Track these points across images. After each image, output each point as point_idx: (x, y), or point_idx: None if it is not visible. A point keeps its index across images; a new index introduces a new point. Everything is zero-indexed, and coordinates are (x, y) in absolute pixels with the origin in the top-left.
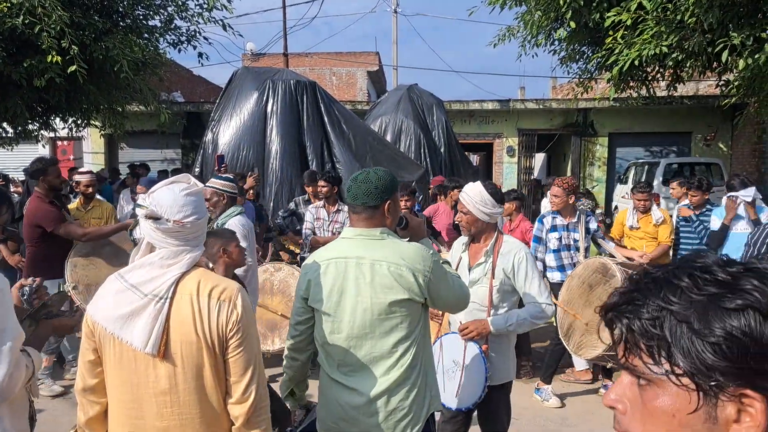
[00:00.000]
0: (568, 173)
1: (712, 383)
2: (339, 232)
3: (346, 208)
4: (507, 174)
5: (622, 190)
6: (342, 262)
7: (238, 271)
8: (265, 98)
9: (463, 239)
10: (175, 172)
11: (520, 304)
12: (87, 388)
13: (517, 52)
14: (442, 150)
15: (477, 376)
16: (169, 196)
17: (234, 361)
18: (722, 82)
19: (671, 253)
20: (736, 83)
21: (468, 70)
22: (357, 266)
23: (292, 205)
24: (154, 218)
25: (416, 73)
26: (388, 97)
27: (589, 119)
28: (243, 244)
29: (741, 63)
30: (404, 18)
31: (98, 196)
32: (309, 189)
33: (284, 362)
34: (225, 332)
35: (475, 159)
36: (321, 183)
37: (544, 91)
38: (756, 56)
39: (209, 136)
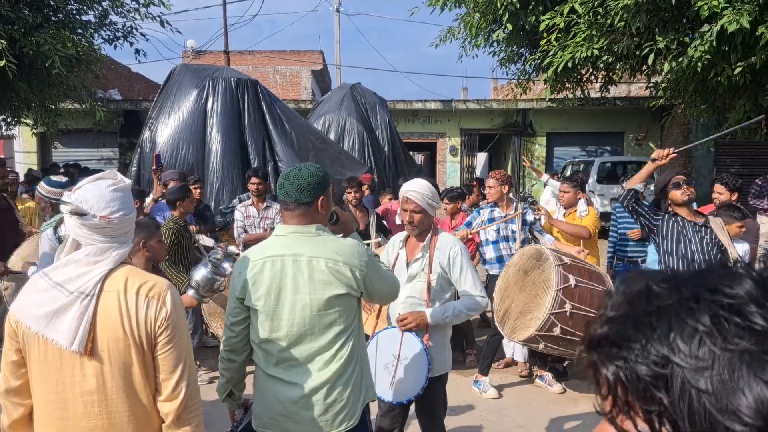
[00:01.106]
0: (509, 171)
1: None
2: (271, 228)
3: (274, 204)
4: (450, 173)
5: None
6: (278, 260)
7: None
8: (204, 96)
9: (400, 236)
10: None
11: (456, 298)
12: (10, 390)
13: (459, 53)
14: (385, 149)
15: (417, 368)
16: (95, 192)
17: (163, 358)
18: (651, 84)
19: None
20: (663, 85)
21: (412, 70)
22: (294, 263)
23: (236, 202)
24: (80, 214)
25: (361, 73)
26: (331, 96)
27: (528, 119)
28: (42, 258)
29: (666, 66)
30: (348, 18)
31: (24, 195)
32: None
33: (220, 364)
34: (154, 329)
35: (419, 158)
36: (255, 180)
37: (486, 92)
38: (680, 59)
39: (147, 134)
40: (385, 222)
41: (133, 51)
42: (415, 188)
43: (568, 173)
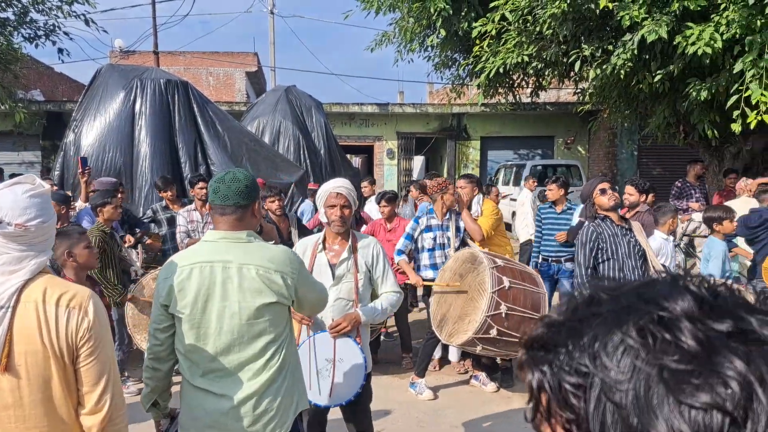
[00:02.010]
0: (445, 175)
1: None
2: None
3: None
4: (387, 176)
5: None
6: (207, 266)
7: None
8: (132, 97)
9: (309, 241)
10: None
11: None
12: None
13: (394, 57)
14: (321, 152)
15: (355, 368)
16: (10, 198)
17: (86, 370)
18: (578, 90)
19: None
20: (589, 91)
21: (349, 74)
22: (224, 270)
23: (149, 213)
24: None
25: (297, 75)
26: (265, 98)
27: (462, 123)
28: None
29: (592, 73)
30: (283, 20)
31: None
32: (166, 194)
33: (144, 373)
34: (75, 341)
35: (356, 161)
36: (201, 185)
37: (422, 96)
38: (604, 67)
39: (71, 137)
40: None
41: (56, 50)
42: (342, 184)
43: (501, 176)
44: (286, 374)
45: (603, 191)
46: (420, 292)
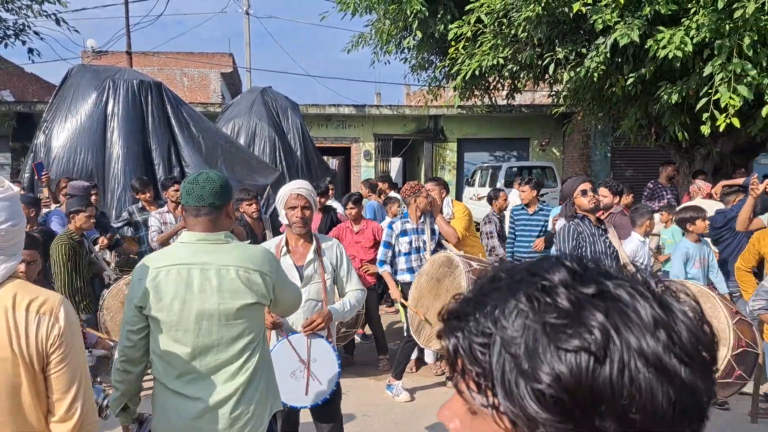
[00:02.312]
0: (422, 177)
1: None
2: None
3: None
4: (365, 177)
5: (470, 192)
6: (185, 268)
7: None
8: (104, 98)
9: (270, 244)
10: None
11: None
12: None
13: (371, 59)
14: (298, 153)
15: (329, 367)
16: None
17: (56, 377)
18: (553, 93)
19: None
20: (563, 94)
21: (326, 75)
22: (202, 272)
23: (125, 215)
24: None
25: (273, 76)
26: (240, 99)
27: (439, 125)
28: None
29: (566, 75)
30: (258, 20)
31: None
32: (143, 196)
33: (115, 376)
34: (45, 347)
35: (333, 163)
36: (176, 187)
37: (400, 98)
38: (578, 69)
39: (41, 138)
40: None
41: (27, 50)
42: (302, 185)
43: (477, 178)
44: (261, 376)
45: (584, 192)
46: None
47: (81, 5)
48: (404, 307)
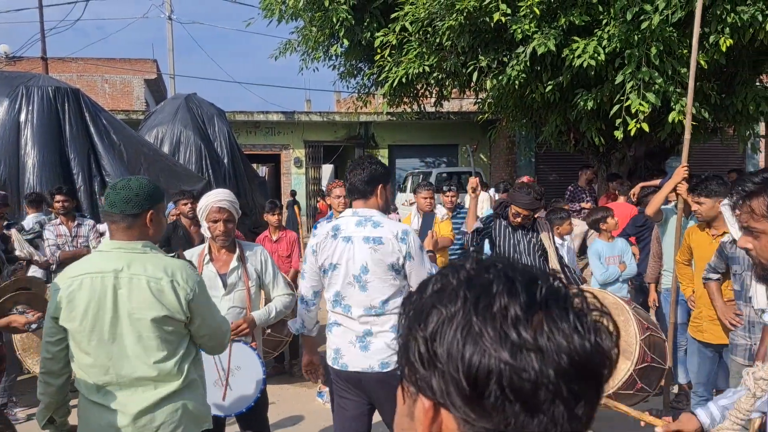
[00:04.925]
0: None
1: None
2: (86, 246)
3: (86, 221)
4: (296, 185)
5: (402, 198)
6: (98, 277)
7: None
8: (17, 106)
9: (193, 251)
10: None
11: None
12: None
13: (299, 65)
14: (225, 161)
15: (253, 374)
16: None
17: None
18: (478, 100)
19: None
20: (488, 101)
21: (255, 82)
22: (115, 281)
23: (36, 226)
24: None
25: (200, 84)
26: (164, 106)
27: (370, 132)
28: None
29: (489, 83)
30: (182, 26)
31: None
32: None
33: (39, 388)
34: None
35: (263, 170)
36: (60, 197)
37: (330, 105)
38: (500, 77)
39: None
40: None
41: None
42: (225, 197)
43: (408, 184)
44: (187, 388)
45: (516, 214)
46: None
47: None
48: None
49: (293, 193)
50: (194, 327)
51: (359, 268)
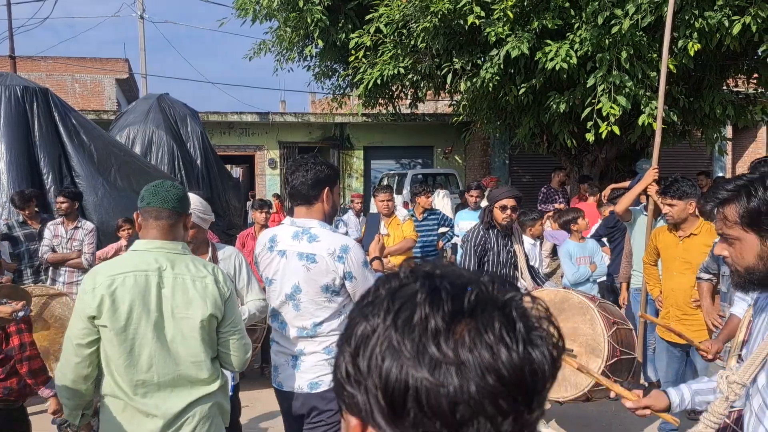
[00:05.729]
0: None
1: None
2: (78, 250)
3: (85, 224)
4: (270, 186)
5: (398, 200)
6: (142, 275)
7: None
8: None
9: None
10: None
11: None
12: None
13: (274, 66)
14: (198, 162)
15: None
16: None
17: None
18: (453, 102)
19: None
20: (462, 103)
21: (229, 82)
22: (158, 279)
23: (4, 228)
24: None
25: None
26: (135, 106)
27: (345, 133)
28: None
29: (463, 85)
30: (154, 25)
31: None
32: (24, 212)
33: (63, 393)
34: None
35: (237, 171)
36: (60, 198)
37: (305, 106)
38: (474, 80)
39: None
40: None
41: None
42: (194, 208)
43: (384, 184)
44: (221, 390)
45: (503, 208)
46: None
47: None
48: None
49: (276, 196)
50: (223, 328)
51: (291, 287)
